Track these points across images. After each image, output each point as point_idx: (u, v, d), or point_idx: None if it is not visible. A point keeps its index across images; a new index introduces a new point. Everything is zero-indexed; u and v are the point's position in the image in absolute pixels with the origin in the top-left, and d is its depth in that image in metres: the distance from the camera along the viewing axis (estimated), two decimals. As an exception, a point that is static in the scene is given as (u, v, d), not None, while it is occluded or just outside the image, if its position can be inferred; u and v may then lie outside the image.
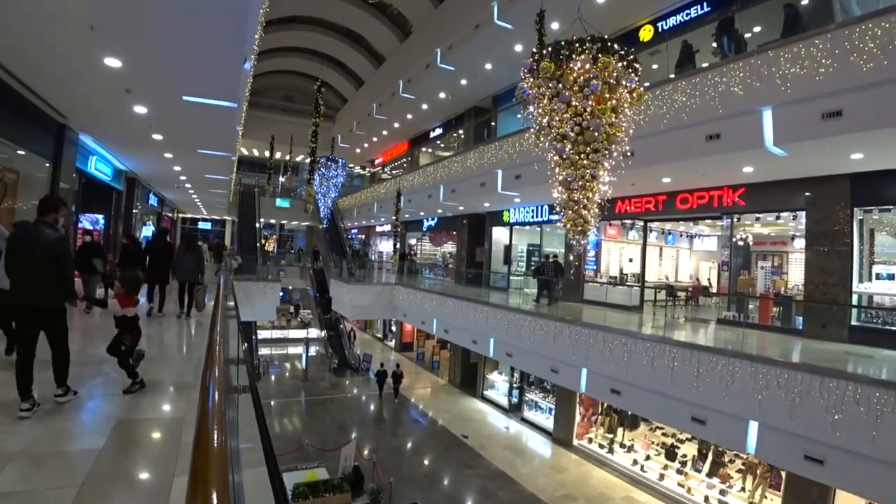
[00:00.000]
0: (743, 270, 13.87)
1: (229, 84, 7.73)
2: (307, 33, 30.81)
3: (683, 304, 15.70)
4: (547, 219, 18.77)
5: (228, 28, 5.92)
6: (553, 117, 6.65)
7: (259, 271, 21.77)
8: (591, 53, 6.23)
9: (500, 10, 15.62)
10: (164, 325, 9.57)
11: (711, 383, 8.36)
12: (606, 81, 6.27)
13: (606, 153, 6.64)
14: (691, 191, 13.20)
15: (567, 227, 7.26)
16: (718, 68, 9.39)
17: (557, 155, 6.89)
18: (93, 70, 7.22)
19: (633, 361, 9.84)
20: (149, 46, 6.49)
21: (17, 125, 9.21)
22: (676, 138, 10.09)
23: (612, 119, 6.41)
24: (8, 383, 5.15)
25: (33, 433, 4.04)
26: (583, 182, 6.74)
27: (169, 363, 6.68)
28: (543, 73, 6.37)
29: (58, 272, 4.64)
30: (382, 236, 35.89)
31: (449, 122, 26.35)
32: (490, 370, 22.29)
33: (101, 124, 11.31)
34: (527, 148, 14.17)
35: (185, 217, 42.38)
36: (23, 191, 9.89)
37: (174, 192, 24.46)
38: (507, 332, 13.65)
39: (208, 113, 8.97)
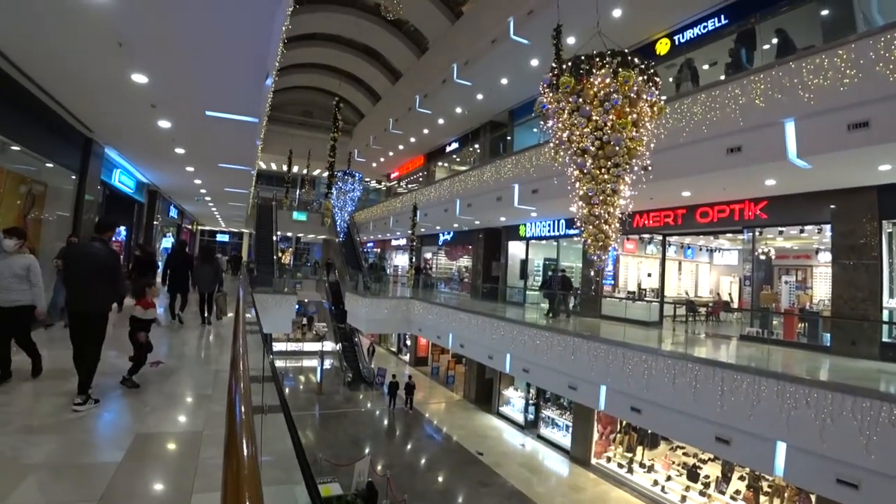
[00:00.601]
0: (765, 285, 13.59)
1: (251, 99, 7.83)
2: (325, 50, 31.23)
3: (704, 320, 15.43)
4: (564, 233, 18.63)
5: (253, 45, 5.99)
6: (573, 132, 6.59)
7: (275, 284, 21.81)
8: (611, 67, 6.20)
9: (517, 25, 15.68)
10: (184, 335, 9.66)
11: (736, 402, 8.13)
12: (627, 95, 6.22)
13: (627, 167, 6.56)
14: (711, 204, 13.01)
15: (588, 243, 7.14)
16: (738, 80, 9.28)
17: (578, 169, 6.80)
18: (120, 85, 7.34)
19: (654, 379, 9.63)
20: (175, 63, 6.60)
21: (46, 139, 9.43)
22: (696, 151, 9.97)
23: (632, 133, 6.34)
24: (30, 394, 5.27)
25: (53, 444, 4.05)
26: (603, 197, 6.64)
27: (188, 376, 6.68)
28: (563, 88, 6.31)
29: (110, 282, 5.41)
30: (398, 250, 35.91)
31: (465, 137, 26.42)
32: (506, 386, 22.03)
33: (126, 138, 11.51)
34: (544, 162, 14.14)
35: (204, 229, 42.82)
36: (50, 202, 10.05)
37: (194, 204, 24.76)
38: (524, 348, 13.49)
39: (230, 128, 9.08)
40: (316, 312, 37.87)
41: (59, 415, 4.70)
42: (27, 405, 4.96)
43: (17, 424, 4.43)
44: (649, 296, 16.46)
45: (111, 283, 5.42)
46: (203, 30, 5.64)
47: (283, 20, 6.37)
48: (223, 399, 5.39)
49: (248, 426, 1.72)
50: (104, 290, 5.38)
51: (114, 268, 5.51)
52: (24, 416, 4.62)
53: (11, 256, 5.47)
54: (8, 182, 8.31)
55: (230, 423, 1.80)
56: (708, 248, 19.47)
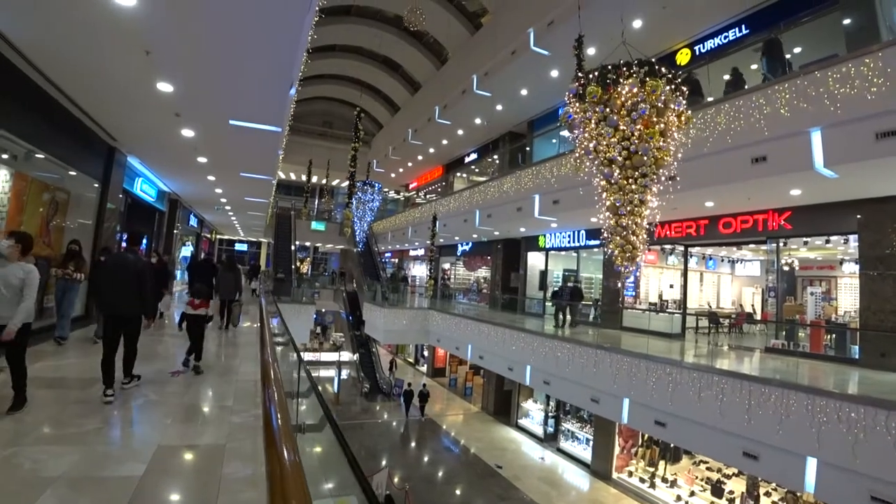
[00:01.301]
0: (788, 297, 13.37)
1: (275, 108, 7.89)
2: (346, 61, 31.64)
3: (727, 332, 15.20)
4: (584, 244, 18.51)
5: (279, 54, 6.03)
6: (600, 141, 6.54)
7: (294, 293, 21.89)
8: (638, 77, 6.16)
9: (537, 36, 15.74)
10: (204, 345, 9.63)
11: (764, 416, 7.97)
12: (654, 105, 6.17)
13: (654, 177, 6.49)
14: (734, 214, 12.84)
15: (614, 254, 7.06)
16: (763, 90, 9.19)
17: (605, 180, 6.75)
18: (145, 94, 7.44)
19: (679, 392, 9.49)
20: (201, 72, 6.67)
21: (70, 147, 9.44)
22: (720, 161, 9.87)
23: (659, 143, 6.28)
24: (50, 402, 5.25)
25: (74, 456, 3.98)
26: (631, 207, 6.57)
27: (208, 386, 6.67)
28: (590, 98, 6.28)
29: (139, 289, 5.93)
30: (416, 260, 35.95)
31: (484, 148, 26.49)
32: (525, 398, 21.85)
33: (149, 147, 11.59)
34: (565, 173, 14.09)
35: (223, 238, 43.23)
36: (72, 210, 10.02)
37: (214, 213, 25.00)
38: (545, 360, 13.38)
39: (253, 137, 9.13)
40: (332, 322, 37.97)
41: (81, 425, 4.67)
42: (47, 415, 4.89)
43: (38, 434, 4.39)
44: (671, 307, 16.27)
45: (140, 291, 5.95)
46: (230, 39, 5.67)
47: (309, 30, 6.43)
48: (244, 411, 5.51)
49: (286, 431, 1.71)
50: (137, 295, 5.93)
51: (143, 276, 6.03)
52: (46, 426, 4.59)
53: (9, 265, 4.94)
54: (32, 189, 8.29)
55: (268, 434, 1.78)
56: (730, 259, 19.20)
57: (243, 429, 4.90)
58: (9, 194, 7.59)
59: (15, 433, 4.33)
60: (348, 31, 27.50)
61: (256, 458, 4.20)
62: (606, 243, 7.24)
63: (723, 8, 12.91)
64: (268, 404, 2.00)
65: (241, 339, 10.70)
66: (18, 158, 7.87)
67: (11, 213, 7.64)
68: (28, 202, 8.14)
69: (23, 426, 4.51)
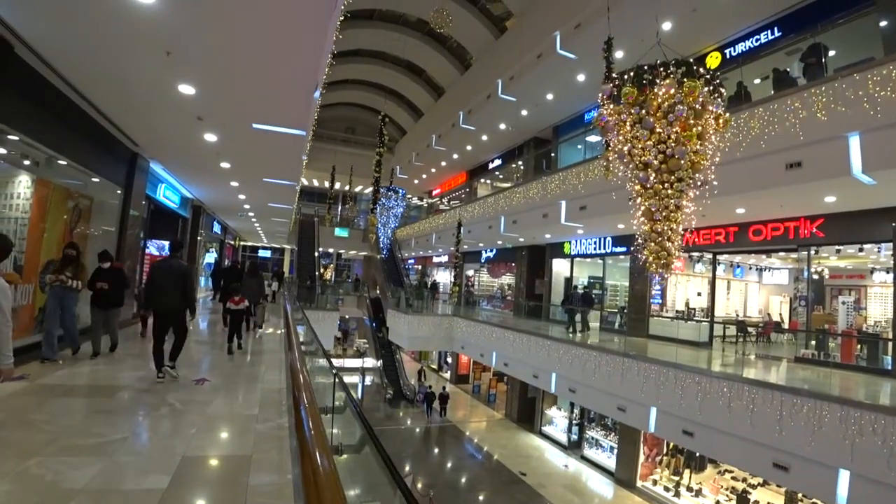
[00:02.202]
0: (816, 306, 13.04)
1: (299, 112, 7.74)
2: (369, 66, 31.73)
3: (755, 341, 14.88)
4: (610, 251, 18.30)
5: (304, 56, 5.85)
6: (634, 145, 6.41)
7: (318, 300, 21.98)
8: (675, 77, 6.01)
9: (563, 39, 15.63)
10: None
11: (796, 427, 7.78)
12: (692, 107, 6.01)
13: (691, 182, 6.35)
14: (765, 222, 12.55)
15: (649, 260, 6.93)
16: (799, 94, 8.93)
17: (639, 184, 6.61)
18: (167, 97, 7.30)
19: (708, 401, 9.31)
20: (223, 74, 6.50)
21: (93, 153, 9.35)
22: (754, 167, 9.62)
23: (696, 146, 6.14)
24: (74, 411, 5.19)
25: (97, 467, 3.86)
26: (666, 213, 6.42)
27: (233, 394, 6.55)
28: (625, 99, 6.16)
29: (183, 290, 7.01)
30: (439, 267, 35.94)
31: (508, 153, 26.36)
32: (549, 405, 21.64)
33: (172, 152, 11.47)
34: (593, 178, 13.95)
35: (246, 245, 43.67)
36: (95, 216, 9.94)
37: (237, 220, 25.06)
38: (571, 368, 13.24)
39: (276, 141, 8.97)
40: (356, 329, 38.09)
41: (103, 435, 4.53)
42: (71, 423, 4.80)
43: (60, 444, 4.23)
44: (698, 315, 15.99)
45: (184, 290, 7.00)
46: (252, 40, 5.49)
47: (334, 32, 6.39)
48: (270, 420, 5.41)
49: (318, 431, 1.69)
50: (181, 294, 6.99)
51: (187, 277, 7.12)
52: (68, 436, 4.44)
53: None
54: (54, 196, 8.21)
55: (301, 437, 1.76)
56: (757, 267, 18.76)
57: (269, 438, 4.80)
58: (31, 200, 7.52)
59: (36, 442, 4.22)
60: (371, 36, 27.60)
61: (283, 468, 4.10)
62: (640, 250, 7.10)
63: (754, 10, 12.64)
64: (299, 409, 1.97)
65: (265, 346, 10.63)
66: (40, 165, 7.79)
67: (34, 220, 7.57)
68: (51, 208, 8.04)
69: (45, 435, 4.40)
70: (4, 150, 6.88)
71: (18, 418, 4.79)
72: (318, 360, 9.04)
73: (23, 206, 7.39)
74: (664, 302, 16.23)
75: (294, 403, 2.16)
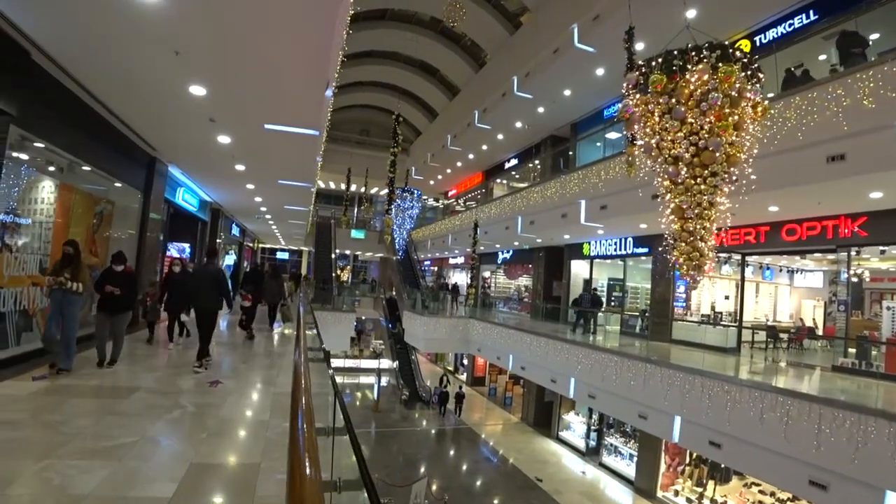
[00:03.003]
0: (855, 311, 12.32)
1: (311, 111, 7.60)
2: (382, 67, 31.55)
3: (786, 348, 14.20)
4: (631, 251, 17.71)
5: (313, 54, 5.73)
6: (664, 137, 5.88)
7: (335, 301, 21.84)
8: (709, 62, 5.48)
9: (581, 32, 15.11)
10: (245, 353, 9.72)
11: (837, 443, 7.21)
12: (727, 94, 5.48)
13: (725, 177, 5.79)
14: (799, 220, 11.84)
15: (679, 262, 6.38)
16: (841, 79, 8.27)
17: (668, 179, 6.07)
18: (179, 98, 7.28)
19: (738, 412, 8.77)
20: (232, 73, 6.43)
21: (115, 159, 9.65)
22: (790, 161, 8.95)
23: (732, 137, 5.58)
24: (89, 412, 5.19)
25: (105, 472, 3.86)
26: (699, 210, 5.90)
27: (246, 398, 6.49)
28: (654, 87, 5.62)
29: (219, 291, 8.13)
30: (455, 269, 35.59)
31: (525, 152, 25.86)
32: (566, 410, 21.09)
33: (188, 155, 11.61)
34: (613, 177, 13.43)
35: (264, 247, 43.94)
36: (117, 220, 10.26)
37: (255, 222, 25.21)
38: (591, 373, 12.74)
39: (290, 142, 8.92)
40: (373, 330, 37.97)
41: (114, 438, 4.54)
42: (85, 424, 4.81)
43: (72, 447, 4.26)
44: (724, 320, 15.33)
45: (219, 291, 8.12)
46: (258, 37, 5.42)
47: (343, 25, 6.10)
48: (281, 427, 5.17)
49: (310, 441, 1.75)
50: (215, 295, 8.07)
51: (221, 280, 8.27)
52: (81, 438, 4.47)
53: None
54: (77, 200, 8.46)
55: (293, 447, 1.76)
56: (788, 269, 17.95)
57: (279, 446, 4.69)
58: (55, 205, 7.76)
59: (49, 444, 4.26)
60: (384, 36, 27.35)
61: (292, 478, 3.96)
62: (669, 250, 6.56)
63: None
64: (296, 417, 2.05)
65: (280, 349, 10.60)
66: (64, 171, 8.02)
67: (58, 225, 7.82)
68: (73, 214, 8.33)
69: (58, 437, 4.44)
70: (27, 157, 7.00)
71: (36, 419, 4.89)
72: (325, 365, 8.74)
73: (47, 210, 7.62)
74: (688, 305, 15.61)
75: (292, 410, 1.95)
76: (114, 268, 7.59)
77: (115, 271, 7.55)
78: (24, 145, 6.86)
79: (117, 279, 7.46)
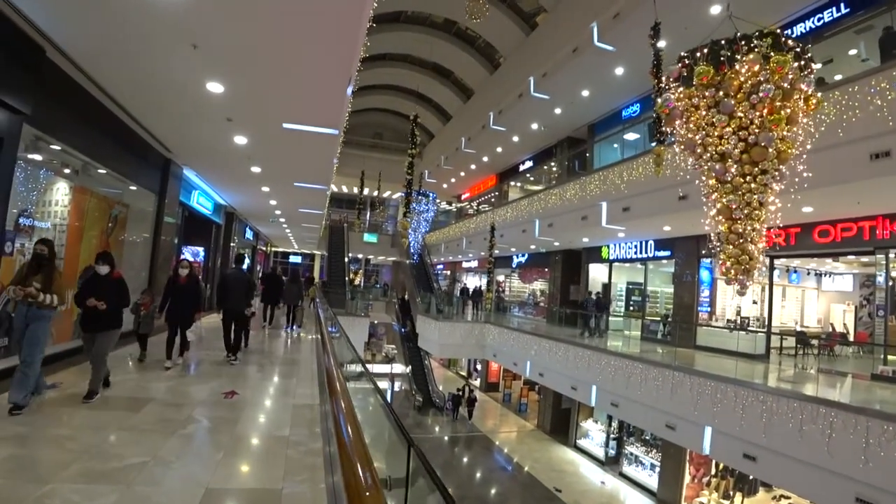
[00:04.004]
0: (892, 315, 11.80)
1: (332, 109, 7.32)
2: (396, 70, 31.43)
3: (816, 354, 13.70)
4: (653, 255, 17.28)
5: (339, 48, 5.43)
6: (710, 132, 5.49)
7: (348, 306, 21.60)
8: (760, 52, 5.09)
9: (601, 30, 14.77)
10: (261, 360, 9.41)
11: (888, 458, 6.79)
12: (779, 86, 5.10)
13: (776, 174, 5.39)
14: (833, 222, 11.41)
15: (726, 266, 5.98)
16: (886, 72, 7.86)
17: (715, 178, 5.69)
18: (195, 96, 7.03)
19: (775, 423, 8.37)
20: (251, 69, 6.16)
21: (130, 161, 9.50)
22: (829, 159, 8.47)
23: (783, 132, 5.18)
24: (96, 427, 4.85)
25: (111, 499, 3.51)
26: (748, 210, 5.51)
27: (262, 411, 6.13)
28: (699, 79, 5.23)
29: (245, 295, 9.02)
30: (468, 272, 35.27)
31: (540, 155, 25.54)
32: (584, 417, 20.62)
33: (203, 157, 11.40)
34: (637, 177, 13.06)
35: (277, 251, 43.87)
36: (131, 223, 10.10)
37: (269, 226, 25.07)
38: (613, 380, 12.35)
39: (308, 142, 8.66)
40: (384, 334, 37.71)
41: (123, 458, 4.18)
42: (93, 441, 4.48)
43: (78, 468, 3.92)
44: (752, 325, 14.83)
45: (247, 294, 9.04)
46: (281, 31, 5.14)
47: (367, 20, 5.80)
48: (302, 444, 4.83)
49: None
50: (244, 298, 8.95)
51: (248, 285, 9.26)
52: (88, 457, 4.15)
53: None
54: (91, 202, 8.29)
55: None
56: (816, 272, 17.39)
57: (301, 468, 4.33)
58: (69, 207, 7.56)
59: (54, 465, 3.93)
60: (398, 39, 27.22)
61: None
62: (716, 254, 6.17)
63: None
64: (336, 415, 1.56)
65: (297, 356, 10.24)
66: (79, 173, 7.86)
67: (72, 228, 7.67)
68: (88, 216, 8.19)
69: (64, 455, 4.12)
70: (41, 157, 6.83)
71: (43, 433, 4.58)
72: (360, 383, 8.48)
73: (61, 212, 7.41)
74: (713, 310, 15.14)
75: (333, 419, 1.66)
76: (98, 270, 6.00)
77: (101, 275, 5.98)
78: (38, 146, 6.68)
79: (102, 288, 5.89)
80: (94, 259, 6.13)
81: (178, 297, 7.82)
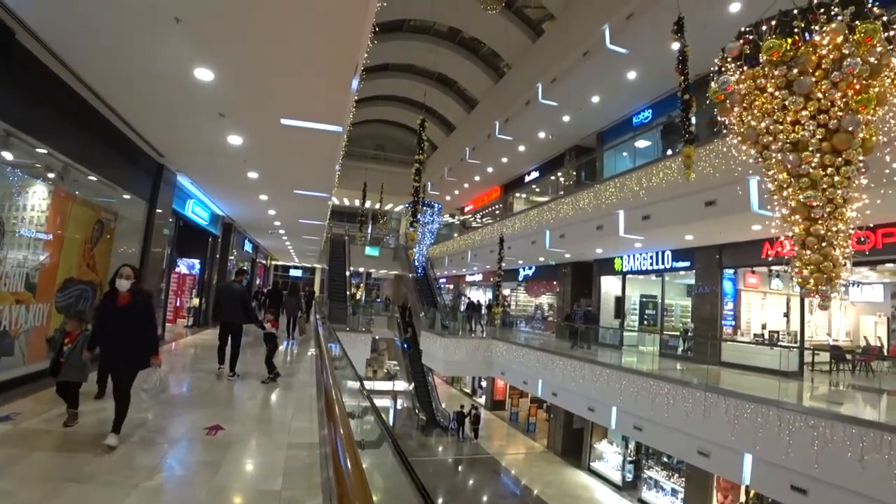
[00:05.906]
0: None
1: (336, 102, 6.59)
2: (398, 81, 31.01)
3: (852, 371, 12.81)
4: (670, 266, 16.43)
5: (344, 29, 4.76)
6: (780, 118, 4.64)
7: (350, 321, 20.83)
8: (843, 20, 4.26)
9: (613, 33, 14.10)
10: (253, 384, 8.49)
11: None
12: (866, 60, 4.28)
13: (860, 164, 4.54)
14: (873, 227, 10.54)
15: (803, 276, 5.09)
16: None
17: (786, 171, 4.83)
18: (183, 87, 6.30)
19: (829, 451, 7.50)
20: (244, 52, 5.44)
21: (121, 168, 8.98)
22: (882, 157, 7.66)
23: (870, 115, 4.32)
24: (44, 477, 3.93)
25: None
26: (831, 208, 4.66)
27: (250, 453, 5.11)
28: (769, 55, 4.39)
29: (242, 308, 8.78)
30: (472, 286, 34.42)
31: (546, 164, 24.89)
32: (598, 438, 19.61)
33: (197, 161, 10.70)
34: (658, 183, 12.28)
35: (278, 265, 43.12)
36: (119, 231, 9.36)
37: (268, 238, 24.36)
38: (636, 402, 11.46)
39: (309, 141, 7.96)
40: (386, 350, 36.80)
41: (126, 481, 3.75)
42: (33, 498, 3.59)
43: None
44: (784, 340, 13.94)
45: (244, 308, 8.81)
46: (279, 10, 4.47)
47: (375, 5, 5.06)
48: (298, 501, 3.81)
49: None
50: (240, 311, 8.73)
51: (245, 298, 9.06)
52: None
53: None
54: (73, 208, 7.58)
55: None
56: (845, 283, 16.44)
57: None
58: (47, 213, 6.87)
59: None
60: (401, 48, 26.76)
61: None
62: (791, 261, 5.29)
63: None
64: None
65: (292, 381, 9.15)
66: (58, 175, 7.22)
67: (53, 233, 7.03)
68: (69, 223, 7.47)
69: None
70: (12, 157, 6.15)
71: None
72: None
73: (37, 219, 6.71)
74: (737, 324, 14.26)
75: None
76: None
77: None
78: (9, 142, 5.94)
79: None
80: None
81: (116, 328, 4.83)
